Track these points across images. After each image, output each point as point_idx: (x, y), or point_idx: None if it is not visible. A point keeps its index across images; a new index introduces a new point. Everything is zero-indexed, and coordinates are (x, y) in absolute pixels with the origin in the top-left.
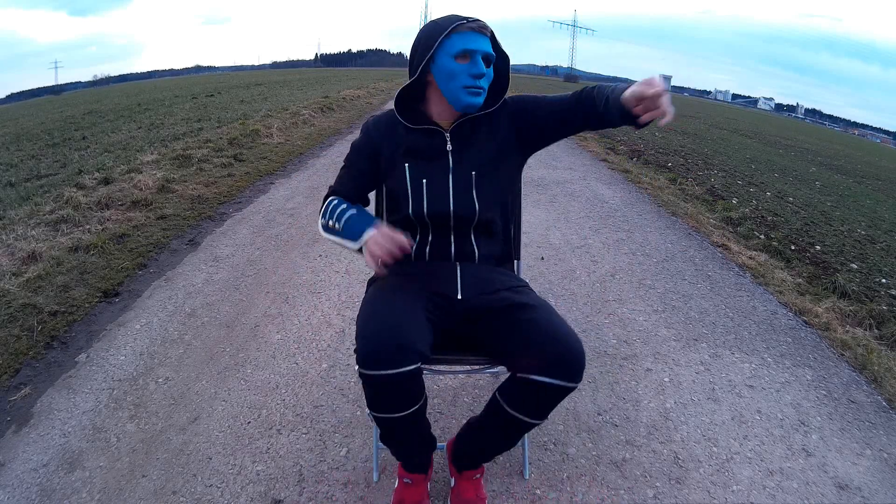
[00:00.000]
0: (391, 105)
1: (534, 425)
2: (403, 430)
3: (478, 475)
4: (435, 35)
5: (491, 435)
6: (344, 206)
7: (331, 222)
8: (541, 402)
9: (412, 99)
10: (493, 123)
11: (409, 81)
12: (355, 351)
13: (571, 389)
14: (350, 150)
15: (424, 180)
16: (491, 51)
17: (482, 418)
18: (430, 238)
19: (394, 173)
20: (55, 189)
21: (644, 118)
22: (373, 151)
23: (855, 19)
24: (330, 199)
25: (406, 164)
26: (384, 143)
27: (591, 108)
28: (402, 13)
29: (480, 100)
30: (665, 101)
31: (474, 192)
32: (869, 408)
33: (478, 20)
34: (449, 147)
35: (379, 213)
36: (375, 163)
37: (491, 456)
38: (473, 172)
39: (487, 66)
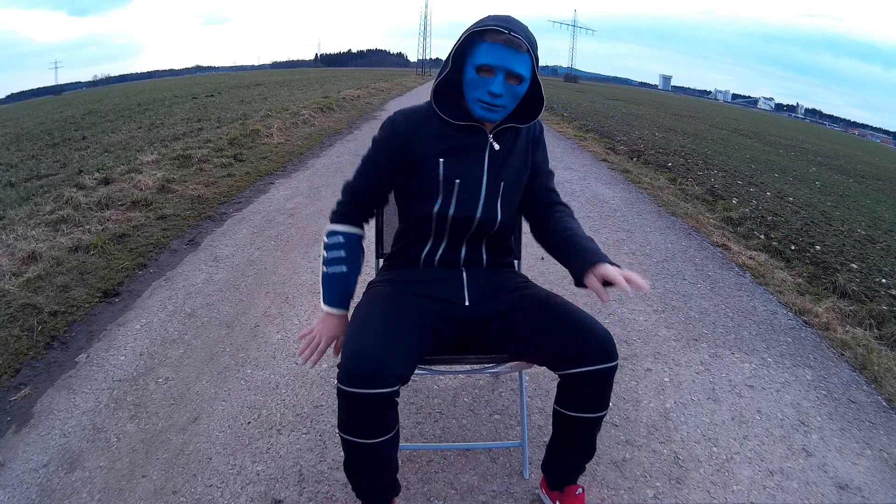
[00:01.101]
0: (392, 105)
1: (602, 418)
2: (370, 462)
3: (580, 490)
4: (464, 37)
5: (572, 447)
6: (342, 252)
7: (324, 258)
8: (596, 392)
9: (449, 92)
10: (525, 139)
11: (442, 76)
12: (338, 366)
13: (615, 368)
14: (371, 146)
15: (458, 181)
16: (521, 70)
17: (556, 439)
18: (443, 243)
19: (423, 169)
20: (55, 189)
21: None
22: (400, 146)
23: (855, 19)
24: (335, 231)
25: (441, 160)
26: (415, 138)
27: (540, 230)
28: (402, 13)
29: (496, 115)
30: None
31: (499, 201)
32: (869, 408)
33: (510, 34)
34: (494, 148)
35: (397, 211)
36: (401, 159)
37: (581, 469)
38: (503, 182)
39: (518, 83)
